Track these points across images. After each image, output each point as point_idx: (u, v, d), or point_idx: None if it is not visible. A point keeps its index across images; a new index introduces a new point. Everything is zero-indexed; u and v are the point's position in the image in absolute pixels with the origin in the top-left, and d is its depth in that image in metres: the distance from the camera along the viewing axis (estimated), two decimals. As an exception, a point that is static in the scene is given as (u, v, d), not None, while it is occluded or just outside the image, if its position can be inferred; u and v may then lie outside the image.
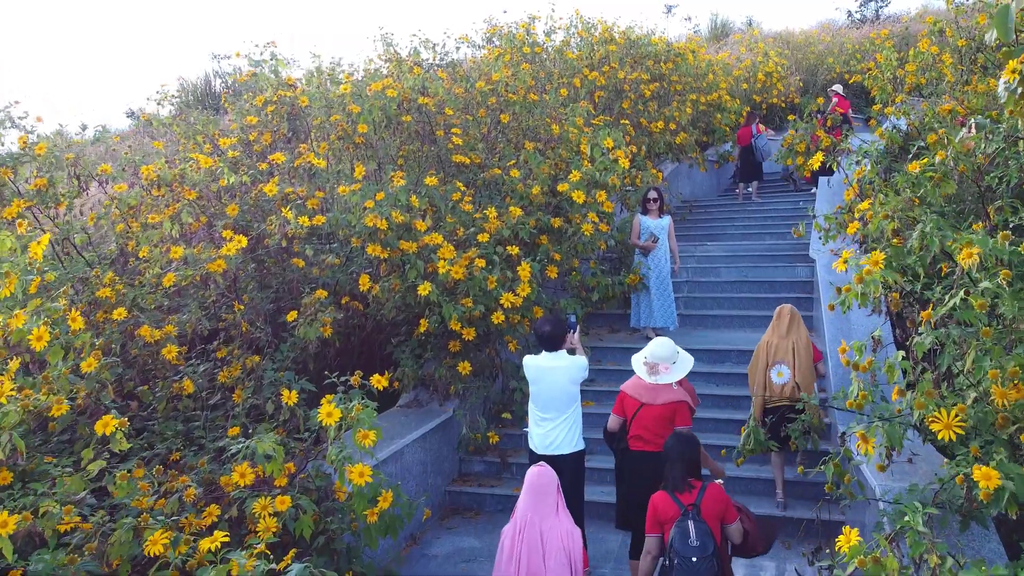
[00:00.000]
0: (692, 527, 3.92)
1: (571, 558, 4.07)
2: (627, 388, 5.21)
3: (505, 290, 6.96)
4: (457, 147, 8.41)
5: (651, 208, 8.96)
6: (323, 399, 5.13)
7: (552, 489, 4.18)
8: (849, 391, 3.97)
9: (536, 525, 4.09)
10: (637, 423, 5.05)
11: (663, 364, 5.05)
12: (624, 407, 5.18)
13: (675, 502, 4.09)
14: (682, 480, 4.16)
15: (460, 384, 7.02)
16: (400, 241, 6.83)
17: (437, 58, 9.94)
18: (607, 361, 8.84)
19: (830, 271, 7.94)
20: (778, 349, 6.20)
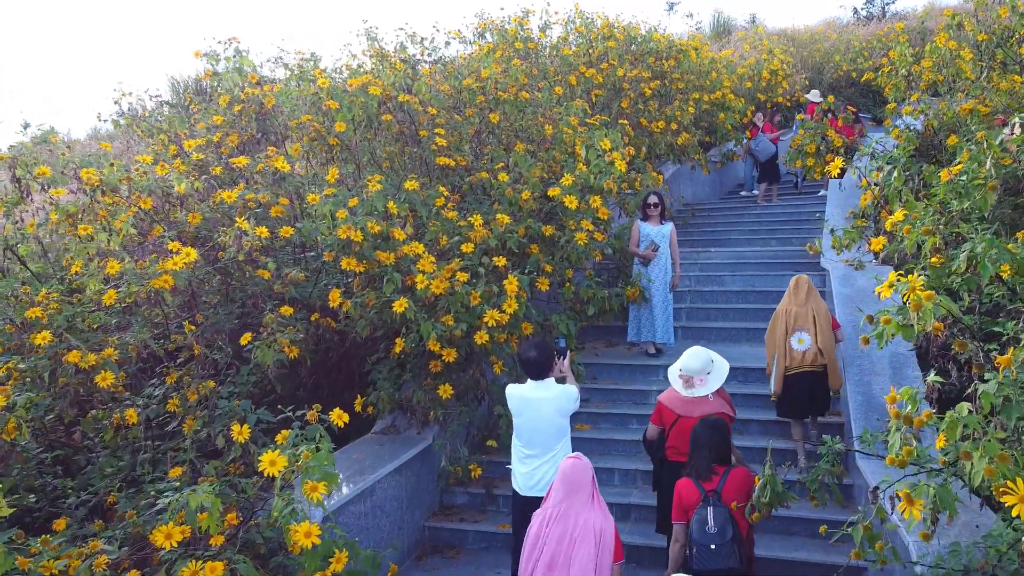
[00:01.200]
0: (711, 513, 3.89)
1: (600, 548, 3.82)
2: (664, 400, 5.11)
3: (491, 305, 6.33)
4: (441, 148, 7.77)
5: (651, 214, 8.33)
6: (279, 436, 4.52)
7: (587, 480, 3.97)
8: (889, 444, 3.33)
9: (570, 517, 3.90)
10: (674, 435, 4.98)
11: (698, 377, 4.95)
12: (662, 418, 5.11)
13: (698, 488, 4.07)
14: (707, 467, 4.13)
15: (441, 409, 6.39)
16: (376, 252, 6.20)
17: (425, 53, 9.30)
18: (603, 379, 8.21)
19: (845, 283, 7.31)
20: (798, 316, 6.23)
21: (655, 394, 7.77)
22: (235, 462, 5.18)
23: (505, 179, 7.48)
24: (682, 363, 5.02)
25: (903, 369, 6.11)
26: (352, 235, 5.73)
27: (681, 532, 4.17)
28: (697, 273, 10.46)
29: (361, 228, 5.78)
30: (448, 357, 6.21)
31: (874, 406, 5.81)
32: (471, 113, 8.49)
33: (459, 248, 6.73)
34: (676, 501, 4.18)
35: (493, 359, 6.58)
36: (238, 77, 7.68)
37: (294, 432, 4.46)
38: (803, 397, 6.23)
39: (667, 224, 8.41)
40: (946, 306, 3.24)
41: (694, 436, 4.31)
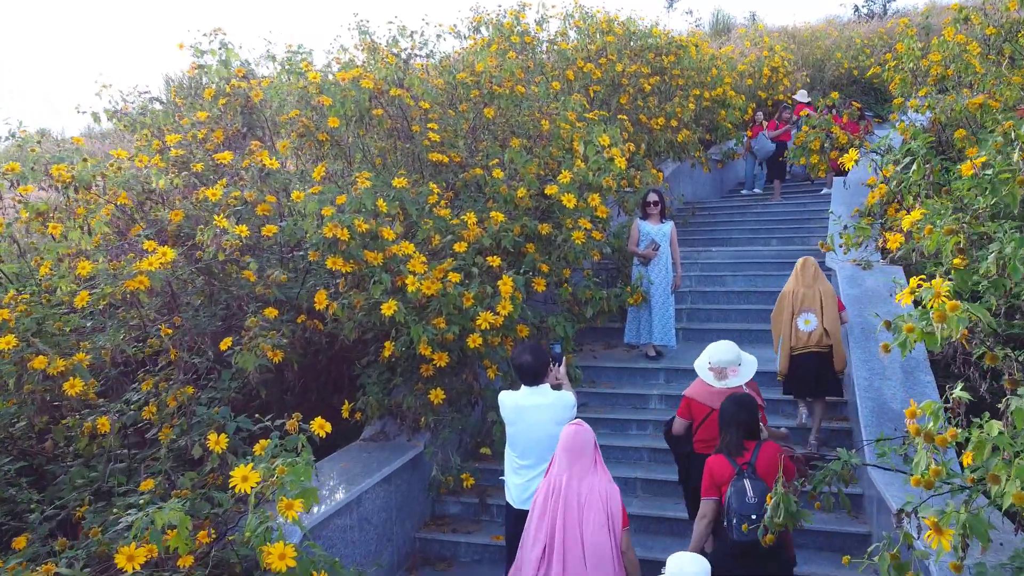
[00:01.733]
0: (748, 485, 3.83)
1: (610, 516, 3.81)
2: (693, 393, 5.03)
3: (484, 307, 6.07)
4: (434, 144, 7.50)
5: (651, 212, 8.06)
6: (258, 446, 4.26)
7: (589, 447, 3.95)
8: (914, 463, 3.06)
9: (573, 485, 3.86)
10: (705, 429, 4.91)
11: (731, 368, 4.94)
12: (692, 412, 5.02)
13: (731, 463, 4.03)
14: (738, 444, 4.10)
15: (432, 415, 6.12)
16: (364, 251, 5.93)
17: (416, 47, 9.03)
18: (601, 382, 7.95)
19: (852, 283, 7.05)
20: (804, 298, 6.29)
21: (655, 398, 7.52)
22: (213, 473, 4.92)
23: (500, 176, 7.22)
24: (711, 356, 4.97)
25: (915, 374, 5.86)
26: (338, 233, 5.47)
27: (710, 509, 4.09)
28: (698, 273, 10.20)
29: (348, 226, 5.51)
30: (440, 361, 5.95)
31: (886, 413, 5.55)
32: (465, 108, 8.23)
33: (451, 247, 6.47)
34: (707, 476, 4.09)
35: (487, 363, 6.32)
36: (224, 70, 7.41)
37: (273, 442, 4.21)
38: (809, 377, 6.28)
39: (667, 223, 8.14)
40: (976, 314, 2.97)
41: (723, 414, 4.25)
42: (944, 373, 6.26)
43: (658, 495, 6.30)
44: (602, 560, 3.75)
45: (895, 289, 7.09)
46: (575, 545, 3.80)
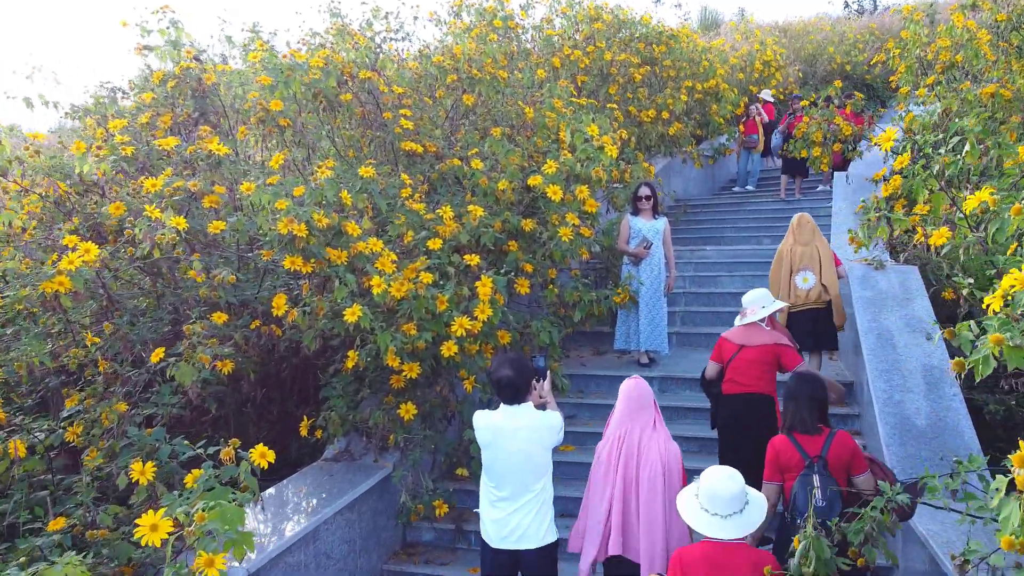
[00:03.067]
0: (818, 483, 3.68)
1: (667, 472, 3.84)
2: (726, 335, 5.23)
3: (460, 311, 5.43)
4: (407, 132, 6.85)
5: (643, 208, 7.44)
6: (190, 477, 3.62)
7: (649, 403, 4.01)
8: (1001, 518, 2.44)
9: (634, 435, 3.94)
10: (733, 367, 5.05)
11: (751, 307, 5.12)
12: (722, 352, 5.17)
13: (798, 449, 3.83)
14: (813, 422, 3.90)
15: (402, 432, 5.47)
16: (327, 249, 5.28)
17: (391, 30, 8.37)
18: (591, 392, 7.32)
19: (865, 284, 6.46)
20: (802, 256, 6.35)
21: (649, 410, 6.90)
22: (145, 506, 4.26)
23: (479, 167, 6.58)
24: (744, 300, 5.24)
25: (940, 386, 5.27)
26: (294, 229, 4.81)
27: (773, 493, 3.91)
28: (692, 273, 9.61)
29: (306, 221, 4.86)
30: (410, 373, 5.31)
31: (910, 431, 4.96)
32: (442, 94, 7.58)
33: (426, 245, 5.83)
34: (771, 458, 3.92)
35: (463, 374, 5.68)
36: (174, 52, 6.72)
37: (206, 474, 3.56)
38: (806, 333, 6.31)
39: (660, 219, 7.53)
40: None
41: (791, 390, 4.04)
42: (968, 385, 5.69)
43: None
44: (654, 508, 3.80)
45: (912, 291, 6.55)
46: (632, 493, 3.89)
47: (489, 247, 6.16)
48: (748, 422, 4.95)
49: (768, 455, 3.94)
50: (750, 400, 4.99)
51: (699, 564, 3.15)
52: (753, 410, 4.97)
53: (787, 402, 4.02)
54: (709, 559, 3.14)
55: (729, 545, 3.16)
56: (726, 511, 3.16)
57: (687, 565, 3.17)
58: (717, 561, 3.13)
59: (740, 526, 3.16)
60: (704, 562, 3.14)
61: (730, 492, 3.18)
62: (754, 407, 4.99)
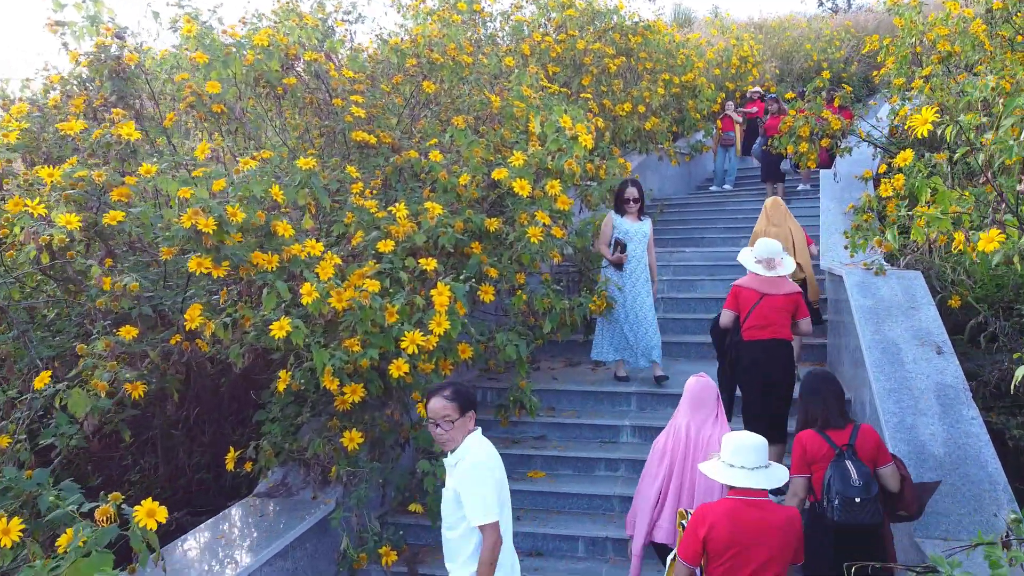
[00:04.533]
0: (852, 467, 3.69)
1: None
2: (742, 283, 5.43)
3: (414, 324, 4.72)
4: (359, 121, 6.13)
5: (629, 210, 6.71)
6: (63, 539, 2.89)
7: (712, 398, 4.13)
8: None
9: (692, 431, 4.04)
10: (757, 314, 5.25)
11: (778, 258, 5.36)
12: (740, 302, 5.35)
13: (826, 440, 3.82)
14: (840, 415, 3.91)
15: (345, 463, 4.74)
16: (255, 253, 4.54)
17: (340, 9, 7.62)
18: (562, 410, 6.64)
19: (864, 292, 5.85)
20: (777, 236, 6.35)
21: (628, 430, 6.25)
22: (21, 563, 3.49)
23: (439, 159, 5.87)
24: (758, 251, 5.41)
25: (955, 407, 4.66)
26: (200, 223, 4.05)
27: (801, 487, 3.86)
28: (671, 277, 9.00)
29: (218, 215, 4.11)
30: (353, 396, 4.58)
31: (926, 460, 4.34)
32: (399, 80, 6.85)
33: (376, 247, 5.12)
34: (798, 453, 3.88)
35: (416, 396, 4.96)
36: (91, 28, 5.92)
37: (81, 531, 2.82)
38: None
39: (646, 220, 6.85)
40: None
41: (811, 386, 4.03)
42: (985, 406, 5.10)
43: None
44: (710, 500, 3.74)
45: (918, 299, 5.96)
46: (689, 486, 3.97)
47: (449, 250, 5.45)
48: (771, 365, 5.23)
49: (795, 450, 3.91)
50: (774, 344, 5.25)
51: (723, 519, 3.15)
52: (776, 354, 5.24)
53: (811, 398, 3.98)
54: (733, 514, 3.15)
55: (753, 502, 3.17)
56: (751, 463, 3.20)
57: (711, 521, 3.16)
58: (741, 516, 3.15)
59: (766, 478, 3.21)
60: (728, 517, 3.15)
61: (752, 443, 3.24)
62: (777, 351, 5.25)
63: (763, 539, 3.11)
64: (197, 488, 6.01)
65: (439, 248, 5.43)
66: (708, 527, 3.14)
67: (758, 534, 3.12)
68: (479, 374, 7.08)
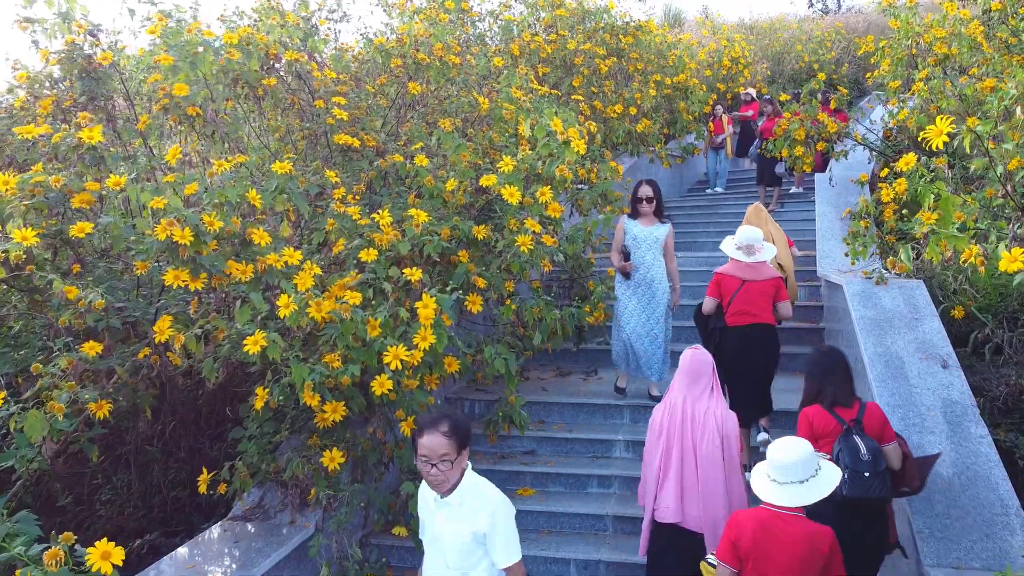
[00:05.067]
0: (861, 442, 3.73)
1: (724, 438, 3.92)
2: (724, 270, 5.55)
3: (397, 337, 4.48)
4: (342, 124, 5.89)
5: (644, 211, 6.28)
6: None
7: (707, 371, 4.07)
8: None
9: (687, 406, 4.00)
10: (740, 300, 5.40)
11: (757, 244, 5.48)
12: (722, 289, 5.50)
13: (834, 416, 3.87)
14: (849, 393, 3.94)
15: (325, 486, 4.50)
16: (230, 263, 4.29)
17: (326, 5, 7.37)
18: (553, 424, 6.42)
19: (866, 302, 5.65)
20: None
21: (621, 444, 6.03)
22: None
23: (424, 164, 5.63)
24: (738, 237, 5.53)
25: (963, 424, 4.47)
26: (175, 234, 3.81)
27: None
28: (664, 283, 8.78)
29: (193, 225, 3.87)
30: (333, 415, 4.34)
31: (935, 483, 4.14)
32: (384, 81, 6.62)
33: (357, 256, 4.88)
34: (805, 428, 3.91)
35: (400, 414, 4.72)
36: (63, 25, 5.65)
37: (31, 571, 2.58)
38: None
39: (663, 225, 6.35)
40: None
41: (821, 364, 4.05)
42: (992, 422, 4.91)
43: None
44: (713, 476, 3.86)
45: (921, 310, 5.77)
46: (690, 461, 3.93)
47: (435, 259, 5.21)
48: (756, 348, 5.37)
49: (801, 425, 3.93)
50: (758, 328, 5.39)
51: (751, 526, 3.15)
52: (761, 336, 5.39)
53: (822, 375, 3.98)
54: (762, 524, 3.15)
55: (783, 514, 3.14)
56: (783, 478, 3.16)
57: (742, 526, 3.18)
58: (769, 527, 3.14)
59: (795, 494, 3.13)
60: (756, 525, 3.14)
61: (787, 460, 3.17)
62: (761, 333, 5.40)
63: (783, 553, 3.09)
64: (173, 506, 5.76)
65: (425, 257, 5.19)
66: (739, 533, 3.17)
67: (779, 547, 3.10)
68: (466, 385, 6.85)
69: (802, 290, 8.34)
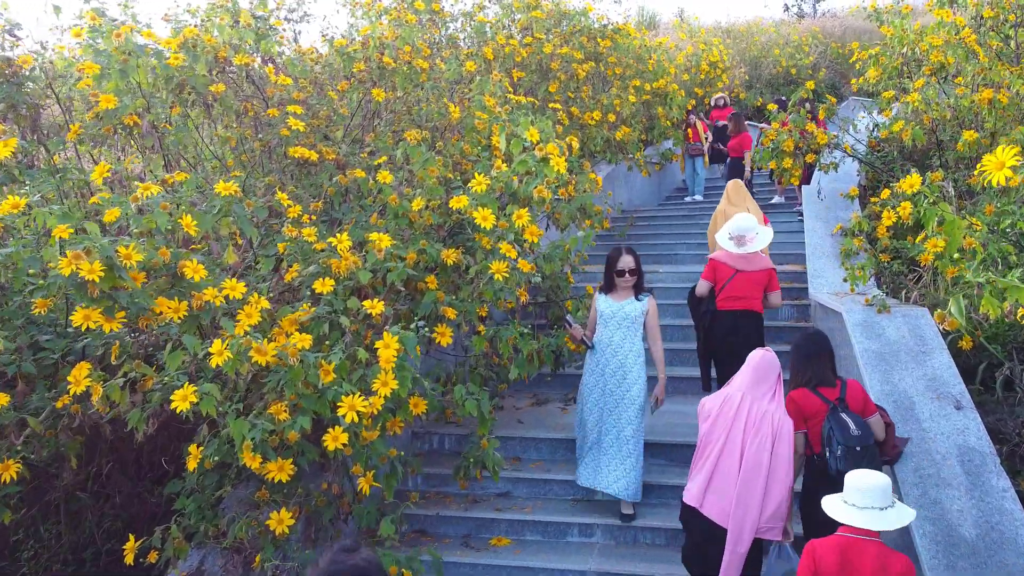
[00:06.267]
0: (848, 418, 3.85)
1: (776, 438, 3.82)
2: (719, 256, 5.64)
3: (356, 381, 3.95)
4: (297, 135, 5.34)
5: (622, 285, 5.04)
6: None
7: (773, 375, 3.99)
8: None
9: (746, 404, 3.90)
10: (732, 287, 5.52)
11: (749, 234, 5.52)
12: (716, 274, 5.60)
13: (819, 396, 4.01)
14: (832, 374, 4.10)
15: (272, 552, 3.95)
16: (159, 300, 3.74)
17: (285, 5, 6.80)
18: (530, 461, 5.91)
19: (868, 333, 5.21)
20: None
21: (603, 486, 5.53)
22: None
23: (388, 180, 5.10)
24: (731, 227, 5.61)
25: (983, 475, 4.05)
26: (83, 268, 3.24)
27: (800, 443, 4.04)
28: (645, 301, 8.33)
29: (106, 256, 3.31)
30: (279, 474, 3.80)
31: (957, 545, 3.71)
32: (346, 87, 6.07)
33: (312, 287, 4.35)
34: (792, 411, 4.01)
35: (357, 469, 4.18)
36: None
37: None
38: None
39: (642, 300, 5.05)
40: None
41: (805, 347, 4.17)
42: (1011, 469, 4.50)
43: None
44: (755, 480, 3.80)
45: (929, 342, 5.36)
46: (730, 458, 3.86)
47: (399, 288, 4.69)
48: (743, 334, 5.46)
49: (788, 407, 4.01)
50: (747, 315, 5.51)
51: (832, 556, 3.15)
52: (748, 322, 5.50)
53: (806, 360, 4.11)
54: (840, 548, 3.16)
55: (860, 541, 3.13)
56: (861, 503, 3.16)
57: (820, 556, 3.17)
58: (846, 553, 3.14)
59: (872, 519, 3.12)
60: (835, 551, 3.15)
61: (867, 484, 3.17)
62: (749, 320, 5.52)
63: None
64: (107, 559, 5.19)
65: (388, 286, 4.66)
66: (818, 563, 3.16)
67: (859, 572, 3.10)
68: (436, 417, 6.32)
69: (791, 308, 7.93)
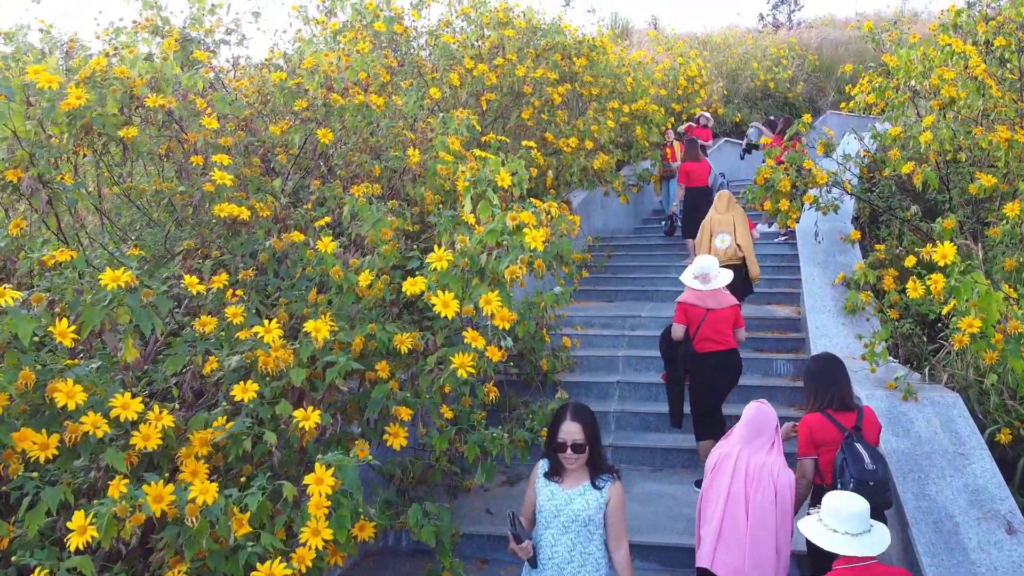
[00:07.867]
0: (863, 450, 3.71)
1: (779, 493, 3.66)
2: (687, 299, 5.75)
3: (280, 526, 3.11)
4: (223, 189, 4.46)
5: (570, 466, 3.21)
6: None
7: (770, 427, 3.84)
8: None
9: (743, 458, 3.77)
10: (706, 328, 5.65)
11: (712, 272, 5.73)
12: (688, 316, 5.71)
13: (834, 424, 3.89)
14: (851, 397, 3.99)
15: None
16: (24, 432, 2.86)
17: (221, 27, 5.91)
18: (500, 563, 5.08)
19: (896, 427, 4.47)
20: (721, 222, 7.36)
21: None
22: None
23: (331, 248, 4.25)
24: (694, 268, 5.77)
25: None
26: None
27: (809, 469, 3.90)
28: (625, 352, 7.59)
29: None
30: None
31: None
32: (285, 127, 5.20)
33: (229, 395, 3.49)
34: (805, 436, 3.92)
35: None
36: None
37: None
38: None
39: (602, 487, 3.21)
40: None
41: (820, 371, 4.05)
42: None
43: None
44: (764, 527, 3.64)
45: (965, 441, 4.63)
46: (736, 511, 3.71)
47: (339, 387, 3.84)
48: (724, 373, 5.69)
49: (801, 433, 3.96)
50: (726, 354, 5.67)
51: None
52: (727, 362, 5.68)
53: (824, 383, 3.99)
54: None
55: (861, 568, 3.00)
56: (856, 529, 3.04)
57: None
58: None
59: (873, 544, 3.02)
60: None
61: (855, 509, 3.06)
62: (728, 359, 5.69)
63: None
64: None
65: (328, 384, 3.82)
66: None
67: None
68: (392, 508, 5.48)
69: (787, 363, 7.22)
